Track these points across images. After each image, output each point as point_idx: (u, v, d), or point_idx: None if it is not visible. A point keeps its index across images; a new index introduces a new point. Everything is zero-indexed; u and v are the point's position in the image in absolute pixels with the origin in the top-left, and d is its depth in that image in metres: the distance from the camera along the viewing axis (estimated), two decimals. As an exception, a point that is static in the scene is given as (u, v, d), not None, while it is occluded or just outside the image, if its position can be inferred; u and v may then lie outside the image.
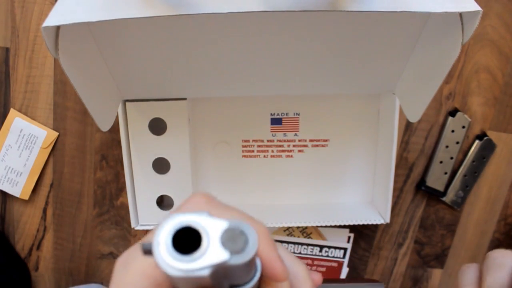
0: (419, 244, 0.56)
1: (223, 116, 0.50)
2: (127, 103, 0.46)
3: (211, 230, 0.14)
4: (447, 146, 0.52)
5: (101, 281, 0.58)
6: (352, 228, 0.55)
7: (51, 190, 0.55)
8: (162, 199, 0.50)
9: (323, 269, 0.57)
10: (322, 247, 0.56)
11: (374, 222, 0.48)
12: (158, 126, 0.46)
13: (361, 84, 0.45)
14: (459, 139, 0.52)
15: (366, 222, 0.48)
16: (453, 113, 0.51)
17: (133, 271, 0.18)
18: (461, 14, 0.30)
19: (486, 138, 0.52)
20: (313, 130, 0.51)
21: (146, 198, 0.49)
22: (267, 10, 0.27)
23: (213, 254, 0.14)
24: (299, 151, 0.52)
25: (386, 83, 0.44)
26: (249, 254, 0.14)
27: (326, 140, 0.51)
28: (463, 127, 0.51)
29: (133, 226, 0.48)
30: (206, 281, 0.15)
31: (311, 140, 0.51)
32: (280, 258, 0.18)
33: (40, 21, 0.50)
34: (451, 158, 0.52)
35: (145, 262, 0.18)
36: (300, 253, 0.56)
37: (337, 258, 0.56)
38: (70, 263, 0.58)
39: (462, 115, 0.51)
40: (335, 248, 0.56)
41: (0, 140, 0.53)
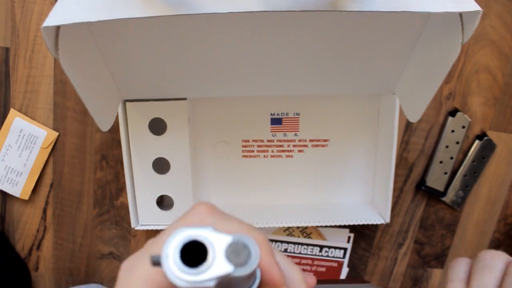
0: (419, 244, 0.56)
1: (223, 116, 0.50)
2: (127, 103, 0.46)
3: (216, 244, 0.15)
4: (447, 146, 0.52)
5: (101, 281, 0.58)
6: (352, 228, 0.55)
7: (51, 190, 0.55)
8: (162, 199, 0.50)
9: (323, 269, 0.57)
10: (322, 247, 0.56)
11: (374, 222, 0.48)
12: (158, 126, 0.46)
13: (361, 84, 0.45)
14: (459, 139, 0.52)
15: (366, 222, 0.48)
16: (453, 113, 0.51)
17: (137, 276, 0.19)
18: (461, 14, 0.30)
19: (486, 138, 0.52)
20: (313, 130, 0.51)
21: (146, 198, 0.49)
22: (267, 10, 0.27)
23: (218, 267, 0.15)
24: (299, 151, 0.52)
25: (386, 83, 0.44)
26: (251, 267, 0.15)
27: (326, 140, 0.51)
28: (463, 127, 0.51)
29: (133, 226, 0.48)
30: None
31: (311, 140, 0.52)
32: (278, 265, 0.19)
33: (40, 21, 0.50)
34: (451, 158, 0.52)
35: (149, 267, 0.19)
36: (300, 253, 0.56)
37: (337, 258, 0.56)
38: (70, 263, 0.58)
39: (462, 115, 0.51)
40: (335, 248, 0.56)
41: (0, 140, 0.53)
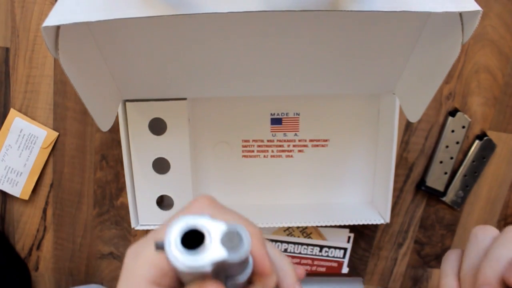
0: (419, 244, 0.56)
1: (223, 116, 0.50)
2: (127, 103, 0.46)
3: (213, 231, 0.17)
4: (447, 146, 0.52)
5: (101, 281, 0.58)
6: (352, 228, 0.55)
7: (51, 190, 0.55)
8: (162, 199, 0.50)
9: (323, 269, 0.57)
10: (322, 247, 0.56)
11: (374, 222, 0.48)
12: (158, 126, 0.46)
13: (361, 84, 0.45)
14: (459, 139, 0.52)
15: (366, 222, 0.48)
16: (453, 113, 0.51)
17: (142, 261, 0.21)
18: (461, 14, 0.30)
19: (486, 138, 0.52)
20: (313, 130, 0.51)
21: (146, 198, 0.49)
22: (267, 10, 0.27)
23: (214, 252, 0.16)
24: (299, 151, 0.52)
25: (386, 83, 0.44)
26: (243, 252, 0.17)
27: (326, 140, 0.51)
28: (463, 127, 0.51)
29: (133, 226, 0.48)
30: (207, 273, 0.17)
31: (311, 140, 0.51)
32: (268, 256, 0.21)
33: (40, 21, 0.50)
34: (451, 158, 0.52)
35: (153, 253, 0.21)
36: (300, 253, 0.56)
37: (337, 258, 0.56)
38: (70, 263, 0.58)
39: (462, 115, 0.51)
40: (335, 248, 0.56)
41: (0, 140, 0.53)
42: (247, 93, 0.46)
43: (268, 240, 0.26)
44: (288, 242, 0.56)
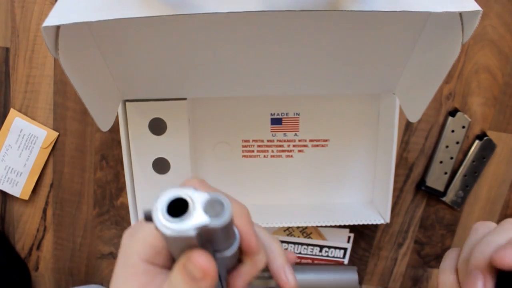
0: (419, 244, 0.56)
1: (223, 116, 0.50)
2: (127, 103, 0.46)
3: (196, 200, 0.18)
4: (447, 146, 0.52)
5: (101, 281, 0.58)
6: (352, 228, 0.55)
7: (51, 190, 0.55)
8: (162, 199, 0.50)
9: (323, 269, 0.57)
10: (322, 247, 0.56)
11: (374, 222, 0.48)
12: (158, 126, 0.46)
13: (361, 84, 0.45)
14: (459, 139, 0.52)
15: (366, 222, 0.48)
16: (453, 113, 0.51)
17: (137, 241, 0.22)
18: (461, 14, 0.30)
19: (486, 138, 0.52)
20: (313, 130, 0.51)
21: (146, 198, 0.49)
22: (267, 9, 0.27)
23: (197, 218, 0.18)
24: (299, 151, 0.52)
25: (386, 83, 0.44)
26: (225, 218, 0.18)
27: (326, 140, 0.51)
28: (463, 127, 0.51)
29: (133, 226, 0.48)
30: (194, 242, 0.18)
31: (311, 140, 0.51)
32: (255, 233, 0.22)
33: (40, 21, 0.50)
34: (451, 158, 0.52)
35: (148, 233, 0.22)
36: (300, 253, 0.56)
37: (337, 258, 0.56)
38: (70, 263, 0.58)
39: (462, 115, 0.51)
40: (335, 248, 0.56)
41: (0, 140, 0.53)
42: (247, 93, 0.46)
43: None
44: (288, 242, 0.56)
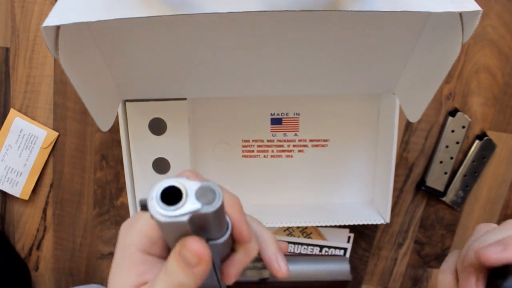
0: (419, 244, 0.56)
1: (223, 116, 0.50)
2: (127, 103, 0.45)
3: (189, 188, 0.19)
4: (447, 146, 0.52)
5: (101, 281, 0.58)
6: (352, 228, 0.55)
7: (51, 190, 0.55)
8: (162, 199, 0.50)
9: (323, 269, 0.57)
10: (322, 247, 0.56)
11: (374, 222, 0.48)
12: (158, 126, 0.46)
13: (361, 84, 0.45)
14: (459, 139, 0.52)
15: (366, 222, 0.48)
16: (453, 113, 0.51)
17: (134, 232, 0.23)
18: (461, 14, 0.30)
19: (486, 138, 0.52)
20: (313, 130, 0.51)
21: (146, 198, 0.48)
22: (267, 10, 0.27)
23: (189, 205, 0.19)
24: (299, 151, 0.52)
25: (386, 83, 0.44)
26: (216, 205, 0.19)
27: (326, 140, 0.51)
28: (463, 127, 0.51)
29: (133, 226, 0.48)
30: (187, 230, 0.19)
31: (311, 140, 0.51)
32: (246, 222, 0.23)
33: (40, 21, 0.50)
34: (451, 158, 0.52)
35: (144, 224, 0.23)
36: (300, 253, 0.56)
37: (337, 258, 0.56)
38: (70, 263, 0.58)
39: (462, 115, 0.51)
40: (335, 248, 0.56)
41: (0, 140, 0.53)
42: (247, 93, 0.45)
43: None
44: (288, 242, 0.56)
